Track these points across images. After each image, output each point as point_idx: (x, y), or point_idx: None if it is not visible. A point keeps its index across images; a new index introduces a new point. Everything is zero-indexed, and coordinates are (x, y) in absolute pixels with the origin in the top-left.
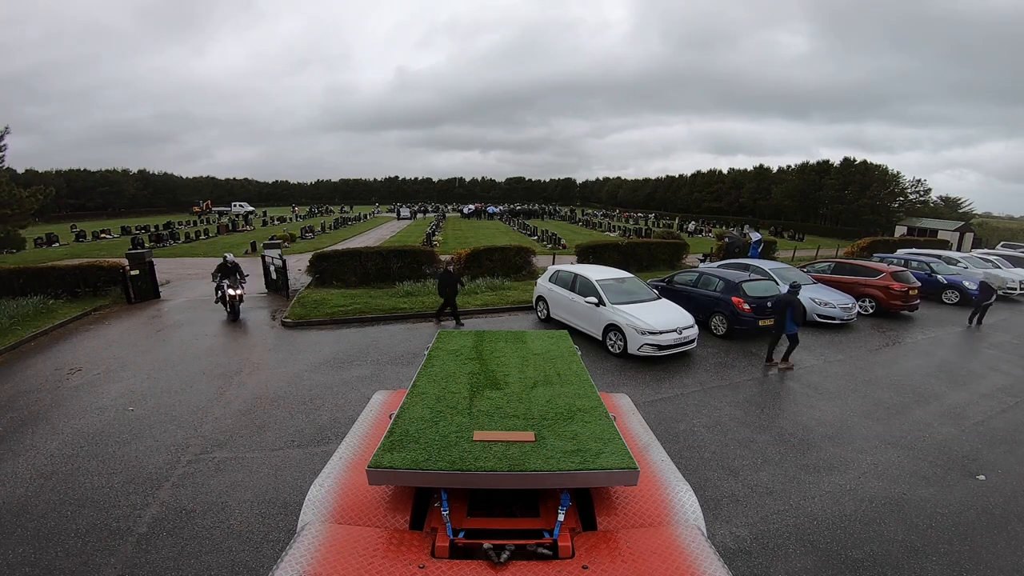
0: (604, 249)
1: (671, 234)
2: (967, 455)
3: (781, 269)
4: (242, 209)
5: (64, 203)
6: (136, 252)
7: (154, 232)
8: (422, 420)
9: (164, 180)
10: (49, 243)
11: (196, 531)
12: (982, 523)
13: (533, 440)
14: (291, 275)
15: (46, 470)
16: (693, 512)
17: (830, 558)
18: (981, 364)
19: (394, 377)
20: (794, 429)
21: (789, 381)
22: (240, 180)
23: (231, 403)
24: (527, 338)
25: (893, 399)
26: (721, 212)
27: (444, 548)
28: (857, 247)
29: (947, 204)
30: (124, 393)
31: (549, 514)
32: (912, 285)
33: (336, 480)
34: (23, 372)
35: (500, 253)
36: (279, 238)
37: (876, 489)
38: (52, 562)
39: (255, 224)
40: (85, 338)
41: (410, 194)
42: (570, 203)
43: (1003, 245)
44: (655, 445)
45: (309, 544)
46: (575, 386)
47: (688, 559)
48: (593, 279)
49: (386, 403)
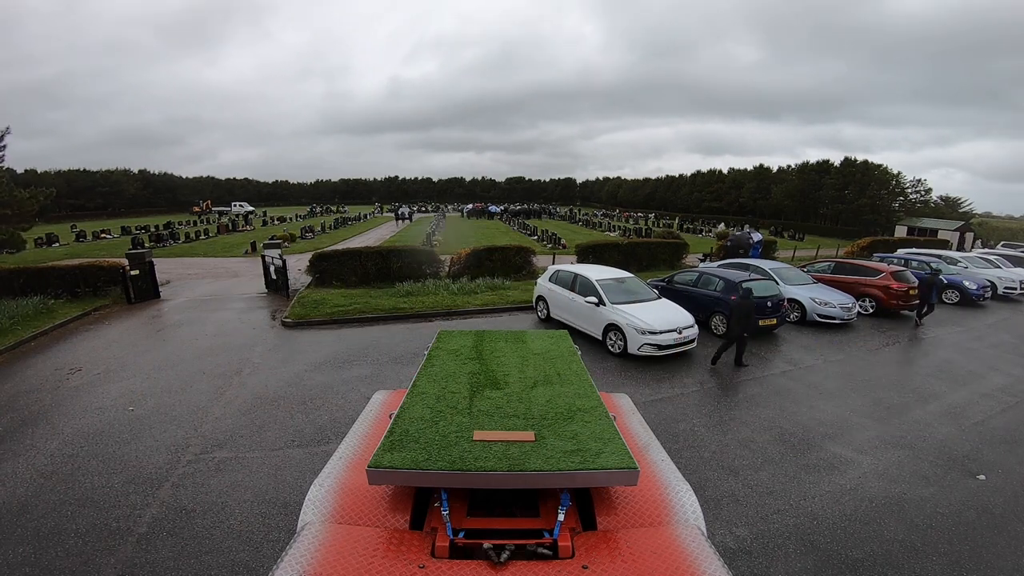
0: (604, 249)
1: (671, 234)
2: (967, 455)
3: (781, 269)
4: (242, 209)
5: (64, 203)
6: (136, 252)
7: (154, 232)
8: (422, 420)
9: (164, 180)
10: (49, 243)
11: (196, 531)
12: (982, 523)
13: (533, 440)
14: (291, 275)
15: (46, 470)
16: (693, 512)
17: (830, 558)
18: (981, 364)
19: (394, 377)
20: (794, 429)
21: (789, 381)
22: (240, 180)
23: (231, 403)
24: (527, 338)
25: (893, 399)
26: (721, 212)
27: (444, 548)
28: (857, 247)
29: (947, 204)
30: (124, 393)
31: (549, 514)
32: (912, 285)
33: (336, 480)
34: (23, 372)
35: (500, 253)
36: (279, 238)
37: (876, 489)
38: (52, 562)
39: (255, 224)
40: (85, 338)
41: (410, 194)
42: (570, 203)
43: (1003, 245)
44: (655, 445)
45: (309, 544)
46: (575, 386)
47: (688, 559)
48: (593, 279)
49: (386, 403)
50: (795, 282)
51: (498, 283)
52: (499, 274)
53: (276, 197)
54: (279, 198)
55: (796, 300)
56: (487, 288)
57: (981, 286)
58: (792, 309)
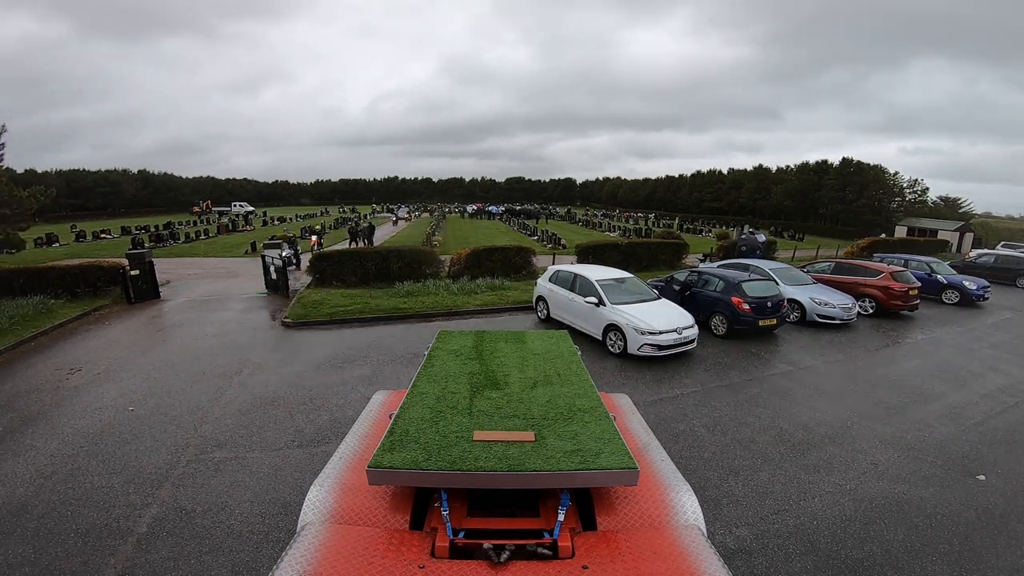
0: (604, 249)
1: (671, 234)
2: (967, 455)
3: (781, 269)
4: (242, 209)
5: (64, 203)
6: (136, 252)
7: (154, 232)
8: (422, 420)
9: (164, 180)
10: (49, 243)
11: (196, 531)
12: (982, 523)
13: (533, 440)
14: (291, 275)
15: (46, 470)
16: (693, 512)
17: (830, 558)
18: (981, 364)
19: (394, 377)
20: (794, 429)
21: (789, 381)
22: (240, 180)
23: (231, 403)
24: (527, 338)
25: (893, 399)
26: (721, 212)
27: (444, 548)
28: (857, 247)
29: (947, 204)
30: (124, 393)
31: (549, 514)
32: (912, 285)
33: (336, 480)
34: (23, 372)
35: (500, 253)
36: (279, 238)
37: (876, 489)
38: (52, 562)
39: (255, 224)
40: (85, 338)
41: (409, 194)
42: (570, 203)
43: (1003, 245)
44: (655, 445)
45: (309, 544)
46: (575, 386)
47: (688, 559)
48: (593, 279)
49: (386, 403)
50: (795, 282)
51: (498, 283)
52: (499, 274)
53: (276, 197)
54: (279, 198)
55: (796, 300)
56: (487, 288)
57: (981, 286)
58: (792, 309)
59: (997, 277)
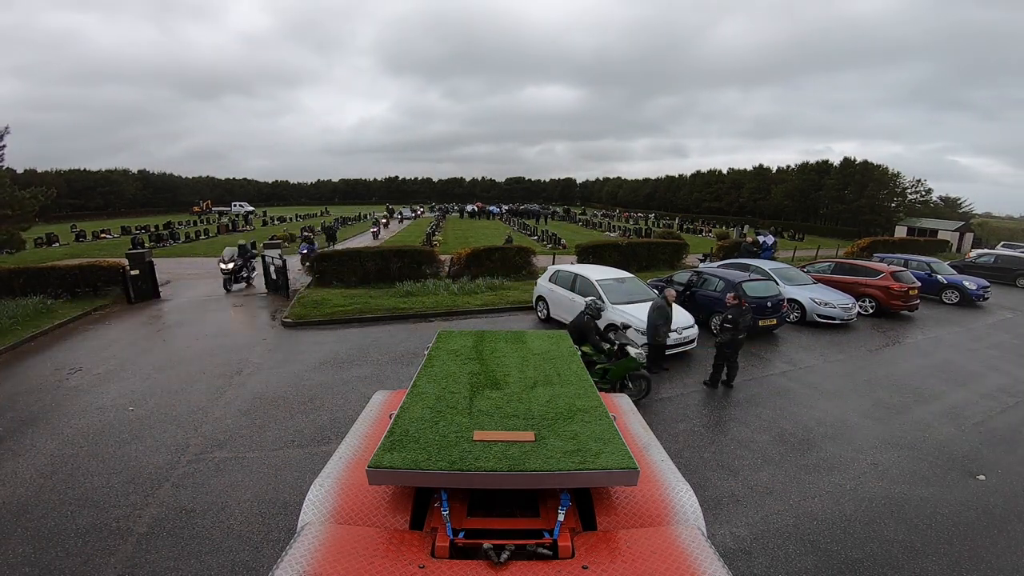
0: (604, 249)
1: (671, 234)
2: (967, 455)
3: (781, 269)
4: (242, 209)
5: (64, 203)
6: (136, 252)
7: (154, 232)
8: (422, 420)
9: (164, 180)
10: (49, 243)
11: (196, 531)
12: (982, 523)
13: (533, 440)
14: (291, 275)
15: (46, 470)
16: (693, 512)
17: (830, 558)
18: (981, 364)
19: (394, 377)
20: (794, 429)
21: (789, 381)
22: (240, 180)
23: (231, 403)
24: (527, 338)
25: (893, 399)
26: (721, 212)
27: (444, 548)
28: (857, 247)
29: (947, 204)
30: (124, 393)
31: (549, 514)
32: (912, 285)
33: (336, 480)
34: (23, 372)
35: (500, 253)
36: (279, 238)
37: (876, 489)
38: (52, 562)
39: (255, 224)
40: (85, 338)
41: (410, 193)
42: (570, 203)
43: (1003, 245)
44: (655, 445)
45: (309, 544)
46: (575, 386)
47: (688, 559)
48: (593, 279)
49: (386, 403)
50: (795, 282)
51: (498, 283)
52: (499, 274)
53: (276, 197)
54: (279, 198)
55: (796, 300)
56: (487, 288)
57: (981, 286)
58: (792, 309)
59: (997, 277)
